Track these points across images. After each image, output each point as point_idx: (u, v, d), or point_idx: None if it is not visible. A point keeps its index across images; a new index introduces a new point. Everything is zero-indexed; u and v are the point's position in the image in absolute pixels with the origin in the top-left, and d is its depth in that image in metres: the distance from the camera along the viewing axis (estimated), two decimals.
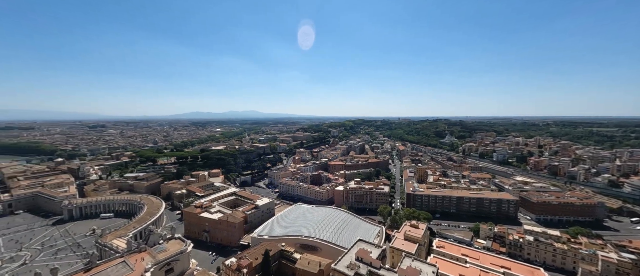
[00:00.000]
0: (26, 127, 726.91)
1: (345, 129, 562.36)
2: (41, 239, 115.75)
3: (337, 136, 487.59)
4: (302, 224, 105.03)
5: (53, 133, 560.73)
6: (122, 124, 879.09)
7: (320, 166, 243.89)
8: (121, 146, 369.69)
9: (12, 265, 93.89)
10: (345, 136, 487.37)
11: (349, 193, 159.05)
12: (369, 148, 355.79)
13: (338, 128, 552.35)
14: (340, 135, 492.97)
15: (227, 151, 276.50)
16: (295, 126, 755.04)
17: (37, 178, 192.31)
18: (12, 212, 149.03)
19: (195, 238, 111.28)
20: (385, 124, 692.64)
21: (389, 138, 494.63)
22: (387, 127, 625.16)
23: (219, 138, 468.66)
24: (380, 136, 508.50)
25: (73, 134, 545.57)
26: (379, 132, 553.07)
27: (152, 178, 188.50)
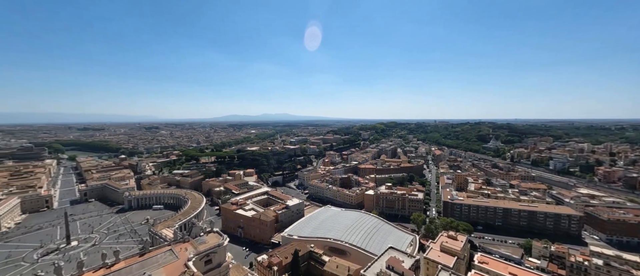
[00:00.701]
0: (98, 128, 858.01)
1: (376, 132, 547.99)
2: (107, 224, 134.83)
3: (367, 139, 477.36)
4: (331, 226, 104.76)
5: (118, 134, 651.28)
6: (172, 126, 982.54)
7: (350, 169, 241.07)
8: (170, 146, 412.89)
9: (86, 245, 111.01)
10: (376, 139, 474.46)
11: (380, 197, 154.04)
12: (402, 152, 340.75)
13: (369, 131, 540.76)
14: (371, 138, 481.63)
15: (261, 152, 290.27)
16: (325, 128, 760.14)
17: (106, 171, 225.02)
18: (87, 200, 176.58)
19: (231, 233, 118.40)
20: (420, 127, 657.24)
21: (423, 141, 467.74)
22: (421, 131, 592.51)
23: (254, 140, 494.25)
24: (413, 140, 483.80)
25: (133, 134, 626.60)
26: (413, 136, 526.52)
27: (195, 175, 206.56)
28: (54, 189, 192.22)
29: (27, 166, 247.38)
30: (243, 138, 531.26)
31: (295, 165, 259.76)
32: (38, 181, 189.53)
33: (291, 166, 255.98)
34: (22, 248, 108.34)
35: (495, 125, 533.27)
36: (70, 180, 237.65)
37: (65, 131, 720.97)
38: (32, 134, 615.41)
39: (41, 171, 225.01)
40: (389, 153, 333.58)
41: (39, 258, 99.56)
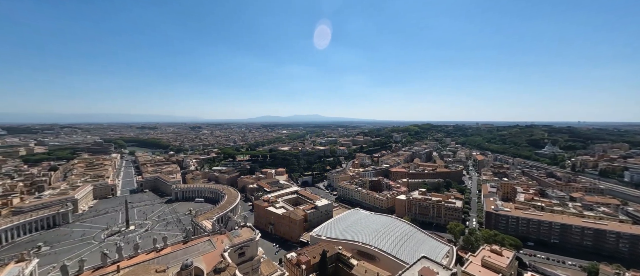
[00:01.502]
0: (152, 127, 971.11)
1: (409, 134, 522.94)
2: (158, 212, 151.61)
3: (400, 141, 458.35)
4: (359, 230, 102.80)
5: (168, 132, 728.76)
6: (212, 126, 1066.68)
7: (381, 172, 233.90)
8: (211, 144, 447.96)
9: (141, 230, 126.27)
10: (410, 141, 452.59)
11: (413, 203, 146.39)
12: (438, 156, 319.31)
13: (401, 133, 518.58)
14: (403, 140, 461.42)
15: (291, 152, 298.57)
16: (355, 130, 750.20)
17: (158, 165, 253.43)
18: (142, 190, 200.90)
19: (262, 229, 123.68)
20: (459, 129, 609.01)
21: (463, 145, 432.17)
22: (461, 134, 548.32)
23: (285, 140, 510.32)
24: (452, 143, 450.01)
25: (180, 133, 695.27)
26: (451, 139, 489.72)
27: (231, 172, 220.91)
28: (118, 180, 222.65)
29: (98, 159, 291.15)
30: (275, 138, 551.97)
31: (325, 166, 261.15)
32: (106, 172, 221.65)
33: (320, 166, 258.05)
34: (93, 229, 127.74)
35: (551, 128, 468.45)
36: (130, 172, 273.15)
37: (127, 129, 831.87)
38: (102, 131, 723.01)
39: (108, 164, 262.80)
40: (423, 156, 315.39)
41: (105, 238, 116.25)
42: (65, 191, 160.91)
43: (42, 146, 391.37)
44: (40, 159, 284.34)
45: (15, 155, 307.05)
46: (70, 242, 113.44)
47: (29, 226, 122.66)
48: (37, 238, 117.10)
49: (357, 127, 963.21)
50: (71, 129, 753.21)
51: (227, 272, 49.50)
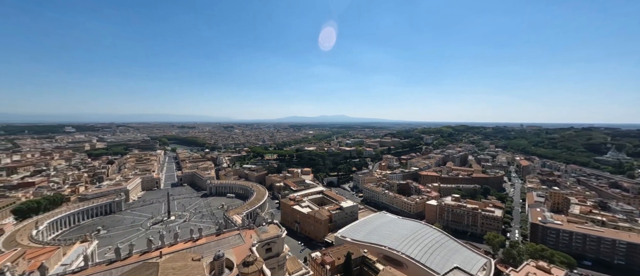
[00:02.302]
0: (191, 126, 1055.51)
1: (441, 136, 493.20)
2: (194, 205, 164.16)
3: (431, 143, 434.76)
4: (386, 234, 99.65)
5: (204, 132, 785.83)
6: (243, 126, 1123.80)
7: (410, 175, 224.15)
8: (242, 143, 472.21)
9: (180, 220, 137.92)
10: (442, 144, 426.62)
11: (445, 209, 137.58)
12: (474, 160, 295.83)
13: (432, 135, 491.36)
14: (434, 143, 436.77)
15: (317, 152, 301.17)
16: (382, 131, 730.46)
17: (195, 162, 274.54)
18: (181, 184, 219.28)
19: (288, 227, 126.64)
20: (499, 131, 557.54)
21: (504, 149, 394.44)
22: (502, 136, 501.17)
23: (311, 140, 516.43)
24: (491, 147, 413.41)
25: (215, 132, 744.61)
26: (489, 142, 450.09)
27: (260, 170, 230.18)
28: (161, 174, 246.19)
29: (146, 154, 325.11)
30: (302, 138, 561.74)
31: (350, 167, 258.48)
32: (152, 167, 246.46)
33: (346, 167, 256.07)
34: (141, 217, 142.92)
35: (616, 132, 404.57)
36: (171, 167, 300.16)
37: (169, 128, 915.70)
38: (149, 130, 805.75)
39: (154, 159, 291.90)
40: (458, 160, 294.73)
41: (151, 226, 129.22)
42: (119, 182, 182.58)
43: (102, 142, 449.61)
44: (101, 154, 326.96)
45: (82, 149, 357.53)
46: (122, 227, 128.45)
47: (91, 212, 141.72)
48: (97, 222, 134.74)
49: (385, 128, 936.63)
50: (125, 128, 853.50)
51: (255, 266, 51.61)
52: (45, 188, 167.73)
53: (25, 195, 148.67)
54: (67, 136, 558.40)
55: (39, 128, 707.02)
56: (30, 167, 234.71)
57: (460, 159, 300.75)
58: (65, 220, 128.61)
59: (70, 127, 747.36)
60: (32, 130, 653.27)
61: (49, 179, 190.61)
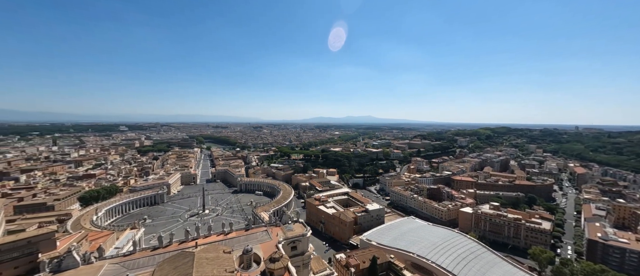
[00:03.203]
0: (224, 126, 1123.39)
1: (478, 138, 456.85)
2: (226, 201, 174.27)
3: (465, 146, 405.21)
4: (414, 240, 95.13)
5: (236, 131, 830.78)
6: (271, 126, 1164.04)
7: (441, 179, 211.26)
8: (270, 143, 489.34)
9: (213, 214, 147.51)
10: (478, 147, 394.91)
11: (481, 218, 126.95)
12: (517, 165, 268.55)
13: (468, 137, 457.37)
14: (470, 146, 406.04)
15: (343, 153, 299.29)
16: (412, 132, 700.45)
17: (227, 160, 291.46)
18: (215, 180, 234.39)
19: (313, 227, 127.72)
20: (548, 134, 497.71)
21: (554, 154, 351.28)
22: (551, 140, 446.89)
23: (337, 141, 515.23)
24: (538, 151, 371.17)
25: (245, 132, 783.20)
26: (536, 146, 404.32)
27: (286, 170, 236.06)
28: (198, 170, 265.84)
29: (184, 152, 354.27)
30: (327, 138, 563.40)
31: (377, 169, 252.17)
32: (190, 163, 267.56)
33: (372, 169, 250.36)
34: (180, 209, 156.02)
35: None
36: (206, 164, 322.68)
37: (205, 128, 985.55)
38: (187, 129, 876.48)
39: (192, 156, 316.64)
40: (497, 165, 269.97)
41: (188, 218, 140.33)
42: (162, 177, 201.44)
43: (149, 140, 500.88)
44: (147, 150, 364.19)
45: (132, 146, 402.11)
46: (164, 218, 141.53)
47: (139, 202, 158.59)
48: (144, 212, 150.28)
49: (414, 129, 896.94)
50: (168, 127, 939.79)
51: (281, 263, 52.98)
52: (104, 179, 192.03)
53: (88, 185, 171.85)
54: (121, 134, 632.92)
55: (99, 127, 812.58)
56: (92, 161, 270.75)
57: (501, 164, 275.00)
58: (119, 208, 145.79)
59: (124, 126, 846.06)
60: (95, 129, 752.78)
61: (106, 172, 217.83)
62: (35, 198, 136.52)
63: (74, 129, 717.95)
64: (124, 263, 58.34)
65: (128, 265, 57.22)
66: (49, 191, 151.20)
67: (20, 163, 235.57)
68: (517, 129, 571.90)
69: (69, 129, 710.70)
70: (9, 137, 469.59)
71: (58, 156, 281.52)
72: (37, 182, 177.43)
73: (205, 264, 46.97)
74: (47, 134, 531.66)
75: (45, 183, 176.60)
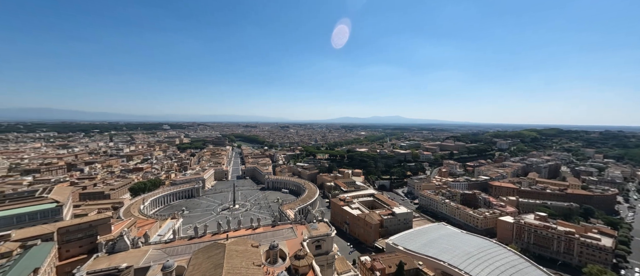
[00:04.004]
0: (253, 126, 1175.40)
1: (521, 141, 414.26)
2: (254, 197, 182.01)
3: (506, 149, 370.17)
4: (446, 248, 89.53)
5: (264, 130, 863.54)
6: (298, 126, 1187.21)
7: (477, 184, 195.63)
8: (296, 142, 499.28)
9: (242, 209, 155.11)
10: (522, 150, 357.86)
11: (525, 229, 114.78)
12: (569, 172, 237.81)
13: (509, 139, 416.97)
14: (512, 149, 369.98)
15: (369, 154, 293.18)
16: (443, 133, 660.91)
17: (255, 158, 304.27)
18: (244, 177, 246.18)
19: (338, 227, 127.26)
20: (610, 137, 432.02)
21: (617, 160, 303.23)
22: (614, 143, 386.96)
23: (363, 141, 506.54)
24: (596, 156, 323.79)
25: (273, 131, 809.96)
26: (594, 150, 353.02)
27: (312, 169, 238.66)
28: (229, 167, 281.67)
29: (218, 150, 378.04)
30: (353, 139, 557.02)
31: (405, 171, 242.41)
32: (222, 160, 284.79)
33: (400, 171, 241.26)
34: (213, 203, 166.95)
35: None
36: (237, 161, 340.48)
37: (236, 127, 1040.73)
38: (220, 128, 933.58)
39: (224, 154, 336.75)
40: (545, 171, 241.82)
41: (220, 212, 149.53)
42: (198, 172, 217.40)
43: (187, 138, 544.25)
44: (186, 147, 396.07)
45: (173, 143, 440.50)
46: (200, 210, 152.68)
47: (178, 195, 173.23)
48: (182, 204, 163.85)
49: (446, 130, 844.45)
50: (203, 126, 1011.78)
51: (306, 260, 53.75)
52: (149, 172, 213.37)
53: (137, 177, 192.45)
54: (164, 132, 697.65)
55: (146, 126, 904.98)
56: (140, 156, 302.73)
57: (549, 171, 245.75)
58: (161, 199, 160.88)
59: (167, 125, 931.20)
60: (143, 127, 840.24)
61: (151, 166, 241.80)
62: (95, 187, 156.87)
63: (126, 127, 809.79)
64: (165, 249, 64.26)
65: (169, 252, 62.89)
66: (106, 181, 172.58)
67: (84, 156, 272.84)
68: (569, 131, 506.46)
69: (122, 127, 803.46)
70: (77, 134, 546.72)
71: (113, 151, 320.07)
72: (97, 173, 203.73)
73: (235, 256, 49.58)
74: (105, 132, 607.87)
75: (103, 174, 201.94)
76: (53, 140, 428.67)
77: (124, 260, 56.74)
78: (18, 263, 53.66)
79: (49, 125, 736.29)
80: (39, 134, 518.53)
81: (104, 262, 56.41)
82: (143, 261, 57.74)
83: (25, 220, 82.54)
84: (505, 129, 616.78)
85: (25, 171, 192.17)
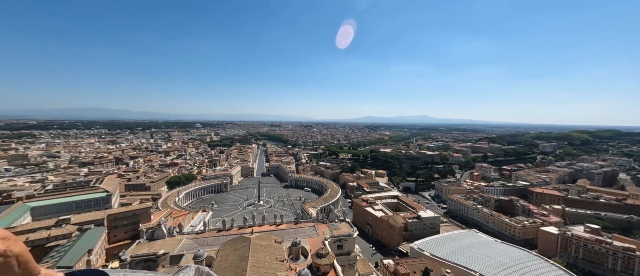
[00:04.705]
0: (278, 125, 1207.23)
1: (570, 143, 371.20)
2: (278, 194, 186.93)
3: (550, 152, 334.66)
4: (477, 257, 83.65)
5: (288, 129, 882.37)
6: (320, 125, 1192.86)
7: (514, 190, 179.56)
8: (319, 141, 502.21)
9: (266, 205, 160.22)
10: (570, 154, 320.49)
11: (572, 242, 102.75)
12: (630, 180, 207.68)
13: (554, 142, 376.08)
14: (557, 152, 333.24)
15: (393, 155, 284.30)
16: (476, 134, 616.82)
17: (279, 156, 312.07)
18: (269, 174, 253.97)
19: (360, 228, 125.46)
20: None
21: None
22: None
23: (387, 141, 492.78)
24: None
25: (296, 130, 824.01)
26: None
27: (334, 168, 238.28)
28: (254, 164, 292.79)
29: (244, 147, 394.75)
30: (377, 139, 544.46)
31: (432, 173, 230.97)
32: (248, 158, 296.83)
33: (427, 173, 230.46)
34: (240, 198, 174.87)
35: None
36: (262, 159, 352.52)
37: (261, 126, 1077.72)
38: (247, 127, 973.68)
39: (250, 151, 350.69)
40: (598, 177, 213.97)
41: (245, 207, 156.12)
42: (226, 168, 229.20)
43: (217, 136, 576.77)
44: (215, 145, 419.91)
45: (205, 141, 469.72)
46: (227, 204, 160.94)
47: (208, 189, 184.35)
48: (212, 198, 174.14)
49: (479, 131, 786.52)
50: (232, 125, 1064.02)
51: (327, 259, 53.87)
52: (183, 167, 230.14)
53: (173, 172, 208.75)
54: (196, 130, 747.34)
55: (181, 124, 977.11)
56: (176, 152, 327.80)
57: (603, 178, 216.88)
58: (194, 193, 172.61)
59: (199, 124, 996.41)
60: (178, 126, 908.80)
61: (185, 161, 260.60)
62: (138, 180, 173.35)
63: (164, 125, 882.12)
64: (197, 239, 68.82)
65: (200, 242, 67.27)
66: (147, 174, 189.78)
67: (129, 151, 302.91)
68: (631, 133, 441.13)
69: (161, 125, 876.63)
70: (123, 131, 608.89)
71: (153, 147, 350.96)
72: (139, 167, 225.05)
73: (259, 250, 51.39)
74: (146, 130, 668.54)
75: (145, 168, 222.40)
76: (104, 136, 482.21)
77: (161, 247, 61.94)
78: (76, 244, 61.40)
79: (101, 123, 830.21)
80: (93, 130, 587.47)
81: (145, 248, 62.11)
82: (177, 249, 62.50)
83: (81, 206, 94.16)
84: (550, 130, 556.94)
85: (82, 163, 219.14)
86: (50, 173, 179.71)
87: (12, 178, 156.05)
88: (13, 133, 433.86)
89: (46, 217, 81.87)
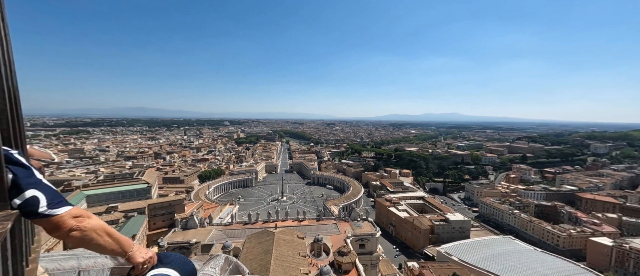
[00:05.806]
0: (301, 122, 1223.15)
1: (629, 144, 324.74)
2: (300, 191, 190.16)
3: (604, 154, 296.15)
4: (513, 266, 77.39)
5: (310, 127, 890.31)
6: (343, 123, 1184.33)
7: (559, 195, 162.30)
8: (341, 139, 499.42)
9: (289, 201, 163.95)
10: (629, 156, 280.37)
11: (630, 256, 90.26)
12: None
13: (610, 142, 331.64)
14: (613, 153, 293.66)
15: (419, 154, 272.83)
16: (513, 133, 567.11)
17: (302, 153, 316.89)
18: (292, 171, 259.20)
19: (383, 228, 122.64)
20: None
21: None
22: None
23: (412, 140, 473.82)
24: None
25: (319, 128, 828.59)
26: None
27: (357, 167, 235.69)
28: (278, 161, 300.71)
29: (269, 144, 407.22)
30: (402, 137, 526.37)
31: (462, 174, 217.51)
32: (272, 155, 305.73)
33: (456, 174, 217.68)
34: (264, 193, 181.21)
35: None
36: (285, 156, 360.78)
37: (285, 124, 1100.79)
38: (271, 125, 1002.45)
39: (274, 148, 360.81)
40: None
41: (269, 202, 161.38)
42: (252, 164, 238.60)
43: (243, 133, 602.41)
44: (242, 142, 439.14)
45: (232, 138, 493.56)
46: (253, 199, 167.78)
47: (235, 184, 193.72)
48: (239, 192, 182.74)
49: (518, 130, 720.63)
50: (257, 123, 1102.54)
51: (349, 257, 53.69)
52: (213, 163, 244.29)
53: (203, 166, 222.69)
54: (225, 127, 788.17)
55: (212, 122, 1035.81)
56: (206, 148, 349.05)
57: None
58: (222, 187, 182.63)
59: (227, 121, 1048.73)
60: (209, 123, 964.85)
61: (215, 157, 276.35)
62: (173, 173, 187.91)
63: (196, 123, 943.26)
64: (225, 231, 72.88)
65: (227, 233, 71.16)
66: (181, 168, 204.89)
67: (166, 147, 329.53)
68: None
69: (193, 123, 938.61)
70: (161, 128, 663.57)
71: (186, 143, 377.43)
72: (175, 161, 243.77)
73: (283, 244, 52.86)
74: (181, 127, 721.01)
75: (179, 163, 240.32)
76: (145, 133, 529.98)
77: (193, 236, 66.69)
78: (123, 229, 68.68)
79: (142, 121, 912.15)
80: (136, 127, 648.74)
81: (179, 236, 67.39)
82: (208, 239, 66.81)
83: (127, 196, 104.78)
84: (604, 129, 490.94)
85: (127, 157, 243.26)
86: (101, 165, 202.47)
87: (71, 169, 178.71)
88: (72, 130, 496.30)
89: (98, 204, 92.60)
